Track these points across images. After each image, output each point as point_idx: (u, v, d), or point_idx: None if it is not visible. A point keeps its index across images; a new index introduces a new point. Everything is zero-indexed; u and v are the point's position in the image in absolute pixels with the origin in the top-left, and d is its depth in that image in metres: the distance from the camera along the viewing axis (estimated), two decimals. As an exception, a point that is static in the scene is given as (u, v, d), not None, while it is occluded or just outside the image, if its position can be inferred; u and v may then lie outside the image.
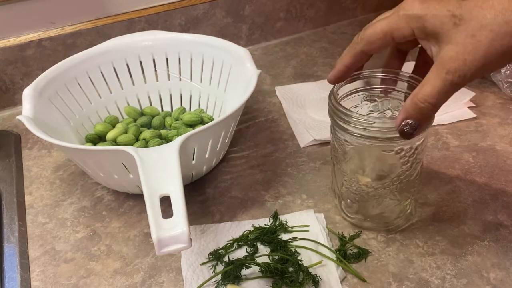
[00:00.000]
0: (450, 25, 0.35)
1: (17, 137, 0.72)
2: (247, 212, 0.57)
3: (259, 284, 0.48)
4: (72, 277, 0.51)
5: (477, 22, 0.33)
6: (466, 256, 0.50)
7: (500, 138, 0.65)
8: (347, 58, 0.45)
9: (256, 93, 0.77)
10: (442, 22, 0.35)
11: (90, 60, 0.67)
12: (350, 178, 0.50)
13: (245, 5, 0.88)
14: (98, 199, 0.60)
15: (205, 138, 0.54)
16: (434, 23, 0.36)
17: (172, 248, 0.42)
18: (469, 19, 0.34)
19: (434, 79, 0.36)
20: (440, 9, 0.35)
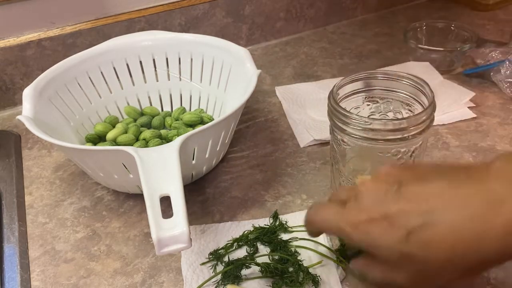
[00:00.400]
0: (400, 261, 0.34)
1: (17, 137, 0.72)
2: (247, 212, 0.57)
3: (259, 284, 0.48)
4: (72, 277, 0.51)
5: (429, 265, 0.32)
6: (466, 256, 0.49)
7: (500, 138, 0.65)
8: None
9: (256, 93, 0.77)
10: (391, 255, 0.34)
11: (90, 60, 0.67)
12: (347, 178, 0.50)
13: (245, 5, 0.88)
14: (98, 199, 0.60)
15: (205, 138, 0.54)
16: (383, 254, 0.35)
17: (172, 248, 0.42)
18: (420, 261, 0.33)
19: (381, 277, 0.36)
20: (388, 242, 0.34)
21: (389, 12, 1.04)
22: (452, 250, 0.31)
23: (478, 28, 0.92)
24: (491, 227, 0.30)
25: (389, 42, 0.92)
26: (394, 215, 0.33)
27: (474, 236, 0.30)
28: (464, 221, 0.31)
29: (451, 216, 0.31)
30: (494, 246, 0.30)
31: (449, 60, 0.79)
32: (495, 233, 0.30)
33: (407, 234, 0.32)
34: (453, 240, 0.31)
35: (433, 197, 0.33)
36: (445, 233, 0.31)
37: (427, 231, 0.31)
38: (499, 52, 0.75)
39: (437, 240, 0.31)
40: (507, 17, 0.98)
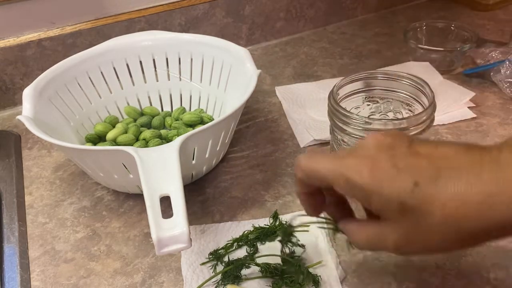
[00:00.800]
0: (397, 212, 0.32)
1: (17, 137, 0.72)
2: (247, 212, 0.57)
3: (259, 284, 0.48)
4: (72, 277, 0.51)
5: (424, 221, 0.31)
6: (466, 256, 0.50)
7: (500, 138, 0.65)
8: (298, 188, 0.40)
9: (256, 93, 0.77)
10: (388, 206, 0.32)
11: (90, 60, 0.67)
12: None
13: (245, 5, 0.88)
14: (98, 199, 0.60)
15: (205, 138, 0.54)
16: (379, 203, 0.32)
17: (172, 248, 0.42)
18: (417, 214, 0.31)
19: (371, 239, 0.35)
20: (390, 190, 0.32)
21: (389, 12, 1.04)
22: (456, 209, 0.30)
23: (478, 28, 0.92)
24: (499, 196, 0.29)
25: (389, 42, 0.92)
26: (404, 166, 0.32)
27: (480, 201, 0.29)
28: (474, 184, 0.30)
29: (461, 177, 0.30)
30: (499, 215, 0.29)
31: (449, 60, 0.79)
32: (502, 203, 0.29)
33: (414, 184, 0.31)
34: (459, 200, 0.30)
35: (446, 157, 0.32)
36: (452, 192, 0.30)
37: (435, 186, 0.30)
38: (499, 52, 0.75)
39: (443, 197, 0.30)
40: (507, 17, 0.98)
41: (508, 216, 0.29)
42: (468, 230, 0.30)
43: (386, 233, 0.33)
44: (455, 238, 0.31)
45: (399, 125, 0.44)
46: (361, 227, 0.37)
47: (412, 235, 0.32)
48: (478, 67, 0.76)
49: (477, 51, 0.78)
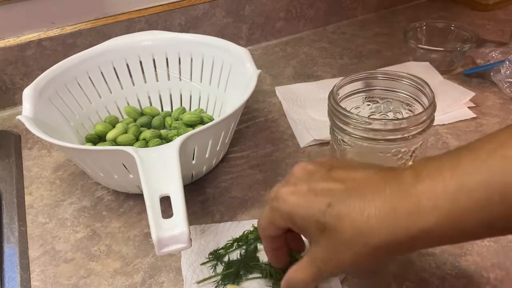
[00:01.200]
0: (315, 230, 0.35)
1: (17, 137, 0.72)
2: (247, 212, 0.57)
3: (259, 284, 0.48)
4: (72, 277, 0.51)
5: (338, 237, 0.34)
6: (466, 256, 0.50)
7: (500, 138, 0.65)
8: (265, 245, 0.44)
9: (256, 93, 0.77)
10: (308, 225, 0.35)
11: (90, 60, 0.67)
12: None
13: (245, 5, 0.88)
14: (98, 199, 0.60)
15: (205, 138, 0.54)
16: (302, 224, 0.36)
17: (172, 248, 0.42)
18: (333, 229, 0.34)
19: (305, 270, 0.37)
20: (308, 210, 0.35)
21: (389, 12, 1.04)
22: (363, 224, 0.32)
23: (478, 28, 0.92)
24: (401, 208, 0.32)
25: (389, 42, 0.92)
26: (320, 189, 0.35)
27: (383, 215, 0.32)
28: (378, 200, 0.32)
29: (367, 195, 0.33)
30: (403, 226, 0.32)
31: (449, 60, 0.79)
32: (403, 214, 0.32)
33: (327, 205, 0.34)
34: (365, 215, 0.32)
35: (357, 180, 0.35)
36: (359, 209, 0.33)
37: (345, 205, 0.33)
38: (499, 52, 0.75)
39: (352, 214, 0.33)
40: (507, 17, 0.98)
41: (413, 227, 0.31)
42: (376, 243, 0.32)
43: (314, 254, 0.36)
44: (365, 252, 0.33)
45: (399, 125, 0.44)
46: (296, 265, 0.39)
47: (331, 253, 0.35)
48: (478, 67, 0.76)
49: (477, 51, 0.78)
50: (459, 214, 0.30)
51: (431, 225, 0.31)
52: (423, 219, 0.31)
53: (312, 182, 0.37)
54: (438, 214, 0.31)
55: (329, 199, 0.34)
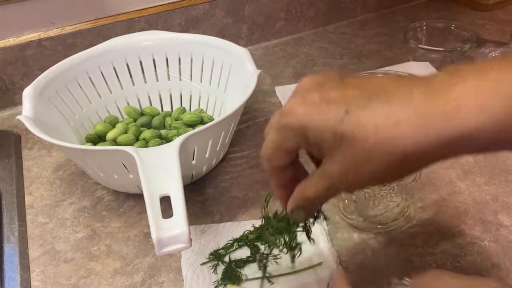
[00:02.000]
0: (332, 142, 0.31)
1: (17, 137, 0.72)
2: (247, 212, 0.57)
3: (259, 284, 0.48)
4: (72, 277, 0.51)
5: (359, 145, 0.30)
6: (466, 256, 0.50)
7: (500, 138, 0.65)
8: (272, 181, 0.39)
9: (256, 93, 0.77)
10: (323, 137, 0.31)
11: (90, 60, 0.67)
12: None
13: (245, 5, 0.88)
14: (98, 199, 0.60)
15: (205, 138, 0.54)
16: (316, 136, 0.32)
17: (172, 248, 0.42)
18: (351, 138, 0.30)
19: (316, 186, 0.34)
20: (321, 120, 0.31)
21: (389, 12, 1.04)
22: (389, 131, 0.29)
23: (478, 28, 0.92)
24: (431, 113, 0.28)
25: (389, 42, 0.92)
26: (333, 98, 0.31)
27: (411, 120, 0.29)
28: (405, 104, 0.29)
29: (392, 99, 0.30)
30: (433, 132, 0.28)
31: (449, 60, 0.79)
32: (435, 119, 0.28)
33: (345, 112, 0.30)
34: (391, 121, 0.29)
35: (376, 85, 0.31)
36: (384, 114, 0.29)
37: (366, 112, 0.30)
38: (499, 52, 0.75)
39: (375, 121, 0.29)
40: (507, 17, 0.97)
41: (451, 129, 0.28)
42: (405, 149, 0.29)
43: (328, 169, 0.33)
44: (390, 161, 0.29)
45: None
46: (306, 181, 0.35)
47: (348, 166, 0.31)
48: (478, 67, 0.76)
49: (477, 51, 0.78)
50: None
51: (478, 126, 0.27)
52: (466, 119, 0.27)
53: (324, 92, 0.32)
54: (488, 113, 0.27)
55: (346, 106, 0.30)
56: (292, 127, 0.33)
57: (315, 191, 0.34)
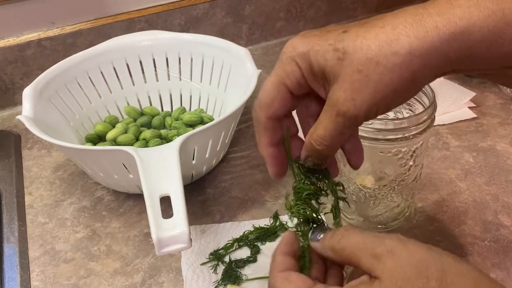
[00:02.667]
0: (335, 61, 0.30)
1: (17, 137, 0.72)
2: (247, 212, 0.57)
3: (259, 284, 0.48)
4: (72, 277, 0.51)
5: (362, 55, 0.29)
6: (466, 256, 0.50)
7: (500, 138, 0.65)
8: (264, 137, 0.35)
9: (256, 93, 0.77)
10: (325, 58, 0.31)
11: (90, 60, 0.67)
12: (347, 178, 0.50)
13: (245, 5, 0.88)
14: (98, 199, 0.60)
15: (205, 138, 0.54)
16: (318, 59, 0.31)
17: (172, 248, 0.42)
18: (353, 51, 0.30)
19: (326, 121, 0.32)
20: (322, 43, 0.31)
21: (389, 12, 1.04)
22: (391, 33, 0.29)
23: (478, 28, 0.92)
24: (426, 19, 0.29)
25: (389, 42, 0.91)
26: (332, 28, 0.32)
27: (411, 26, 0.29)
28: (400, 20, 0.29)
29: (391, 16, 0.30)
30: (431, 33, 0.28)
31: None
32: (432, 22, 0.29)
33: (343, 32, 0.30)
34: (390, 28, 0.29)
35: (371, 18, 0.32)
36: (382, 23, 0.30)
37: (363, 27, 0.30)
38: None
39: (374, 29, 0.30)
40: (507, 17, 0.97)
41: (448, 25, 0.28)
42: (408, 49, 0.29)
43: (335, 96, 0.31)
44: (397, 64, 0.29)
45: (399, 124, 0.44)
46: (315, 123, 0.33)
47: (356, 81, 0.30)
48: (478, 67, 0.76)
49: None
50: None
51: (473, 21, 0.28)
52: (460, 15, 0.28)
53: (322, 30, 0.32)
54: (479, 8, 0.28)
55: (344, 28, 0.31)
56: (295, 56, 0.32)
57: (326, 128, 0.32)
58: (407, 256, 0.29)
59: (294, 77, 0.33)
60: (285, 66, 0.32)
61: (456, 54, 0.29)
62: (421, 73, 0.30)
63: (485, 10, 0.28)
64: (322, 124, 0.32)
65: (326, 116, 0.32)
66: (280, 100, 0.33)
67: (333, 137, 0.32)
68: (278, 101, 0.34)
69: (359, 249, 0.31)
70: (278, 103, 0.34)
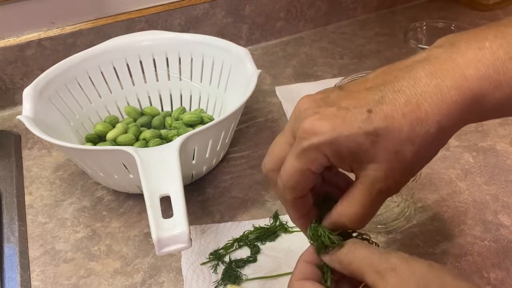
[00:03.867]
0: (368, 144, 0.30)
1: (17, 137, 0.72)
2: (247, 212, 0.57)
3: (259, 284, 0.48)
4: (72, 277, 0.51)
5: (396, 137, 0.30)
6: (466, 256, 0.50)
7: (500, 138, 0.65)
8: (294, 213, 0.36)
9: (256, 93, 0.77)
10: (357, 142, 0.30)
11: (90, 60, 0.67)
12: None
13: (245, 5, 0.88)
14: (98, 199, 0.60)
15: (205, 138, 0.54)
16: (348, 145, 0.31)
17: (172, 248, 0.42)
18: (386, 134, 0.30)
19: (363, 200, 0.33)
20: (349, 127, 0.30)
21: (389, 12, 1.04)
22: (417, 112, 0.30)
23: (478, 28, 0.92)
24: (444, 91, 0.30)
25: (389, 42, 0.92)
26: (349, 104, 0.31)
27: (432, 101, 0.30)
28: (417, 89, 0.31)
29: (401, 85, 0.31)
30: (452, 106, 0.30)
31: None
32: (450, 97, 0.30)
33: (368, 112, 0.30)
34: (414, 107, 0.30)
35: (380, 75, 0.32)
36: (405, 99, 0.30)
37: (386, 104, 0.30)
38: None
39: (400, 107, 0.30)
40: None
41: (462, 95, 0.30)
42: (436, 126, 0.30)
43: (374, 175, 0.32)
44: (430, 136, 0.31)
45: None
46: (344, 201, 0.34)
47: (394, 160, 0.31)
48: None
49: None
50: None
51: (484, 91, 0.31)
52: (470, 86, 0.30)
53: (333, 103, 0.32)
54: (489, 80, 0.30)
55: (365, 106, 0.30)
56: (321, 145, 0.31)
57: (364, 206, 0.33)
58: (409, 274, 0.30)
59: (319, 163, 0.32)
60: (310, 154, 0.32)
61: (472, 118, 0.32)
62: (447, 136, 0.32)
63: (493, 82, 0.31)
64: (358, 202, 0.33)
65: (362, 194, 0.33)
66: (305, 183, 0.34)
67: (370, 214, 0.34)
68: (303, 184, 0.34)
69: (365, 265, 0.32)
70: (303, 185, 0.34)
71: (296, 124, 0.33)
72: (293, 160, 0.33)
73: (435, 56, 0.32)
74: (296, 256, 0.49)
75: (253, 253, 0.51)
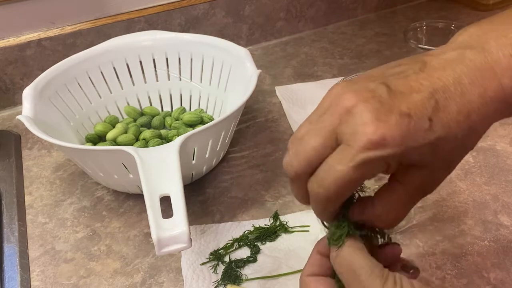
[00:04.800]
0: (428, 154, 0.31)
1: (17, 137, 0.72)
2: (247, 212, 0.57)
3: (259, 284, 0.48)
4: (72, 277, 0.51)
5: (451, 146, 0.31)
6: (466, 256, 0.50)
7: (500, 138, 0.65)
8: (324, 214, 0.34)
9: (256, 93, 0.77)
10: (420, 152, 0.30)
11: (90, 60, 0.67)
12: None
13: (245, 5, 0.88)
14: (98, 199, 0.60)
15: (205, 138, 0.54)
16: (412, 156, 0.30)
17: (172, 248, 0.42)
18: (443, 144, 0.30)
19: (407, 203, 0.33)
20: (415, 138, 0.29)
21: (389, 12, 1.04)
22: (466, 125, 0.31)
23: (478, 28, 0.92)
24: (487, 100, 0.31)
25: (389, 42, 0.92)
26: (407, 107, 0.30)
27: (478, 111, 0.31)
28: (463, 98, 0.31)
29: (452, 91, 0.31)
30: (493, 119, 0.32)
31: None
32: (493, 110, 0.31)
33: (429, 120, 0.30)
34: (464, 116, 0.31)
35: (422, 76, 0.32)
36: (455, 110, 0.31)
37: (443, 112, 0.30)
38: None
39: (454, 119, 0.30)
40: (507, 17, 0.97)
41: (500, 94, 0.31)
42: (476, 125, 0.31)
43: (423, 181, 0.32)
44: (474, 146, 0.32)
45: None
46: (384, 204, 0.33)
47: (444, 168, 0.32)
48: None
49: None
50: None
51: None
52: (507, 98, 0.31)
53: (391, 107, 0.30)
54: None
55: (426, 114, 0.30)
56: (389, 158, 0.29)
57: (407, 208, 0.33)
58: None
59: (378, 172, 0.31)
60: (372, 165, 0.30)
61: None
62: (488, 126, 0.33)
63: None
64: (401, 207, 0.33)
65: (406, 198, 0.33)
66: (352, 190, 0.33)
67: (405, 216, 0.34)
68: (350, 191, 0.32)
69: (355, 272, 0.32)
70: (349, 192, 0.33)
71: (347, 128, 0.30)
72: (347, 169, 0.30)
73: (470, 59, 0.32)
74: (296, 256, 0.49)
75: (253, 253, 0.51)
